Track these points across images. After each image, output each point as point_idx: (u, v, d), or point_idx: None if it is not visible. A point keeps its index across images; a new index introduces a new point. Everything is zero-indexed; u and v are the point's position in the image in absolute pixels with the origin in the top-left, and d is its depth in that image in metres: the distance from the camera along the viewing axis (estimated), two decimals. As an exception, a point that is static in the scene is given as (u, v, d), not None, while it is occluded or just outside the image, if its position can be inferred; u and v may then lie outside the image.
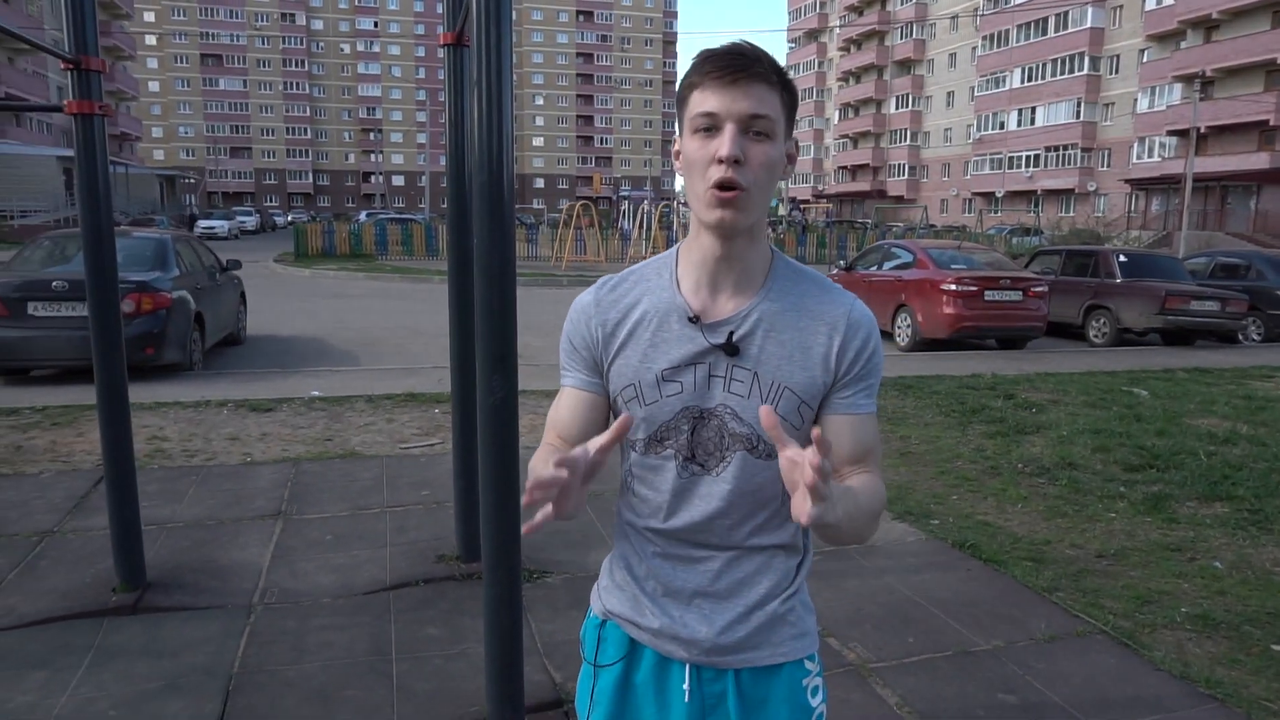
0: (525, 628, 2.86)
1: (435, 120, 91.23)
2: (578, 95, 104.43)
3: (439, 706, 2.75)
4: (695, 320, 1.21)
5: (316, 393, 7.39)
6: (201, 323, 8.75)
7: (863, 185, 74.78)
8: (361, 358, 9.84)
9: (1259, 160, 39.26)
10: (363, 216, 48.84)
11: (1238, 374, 9.53)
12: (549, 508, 0.98)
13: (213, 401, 6.99)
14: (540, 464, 1.14)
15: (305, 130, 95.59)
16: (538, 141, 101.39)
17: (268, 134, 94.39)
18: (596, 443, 1.02)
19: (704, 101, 1.13)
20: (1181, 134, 41.18)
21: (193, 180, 73.12)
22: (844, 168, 79.09)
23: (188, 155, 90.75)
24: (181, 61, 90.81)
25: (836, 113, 79.96)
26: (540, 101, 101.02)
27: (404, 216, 42.06)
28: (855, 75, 76.25)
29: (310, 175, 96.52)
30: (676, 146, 1.21)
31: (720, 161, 1.11)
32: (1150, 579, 3.93)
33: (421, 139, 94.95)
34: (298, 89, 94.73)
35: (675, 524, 1.25)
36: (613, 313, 1.26)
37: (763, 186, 1.14)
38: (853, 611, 3.49)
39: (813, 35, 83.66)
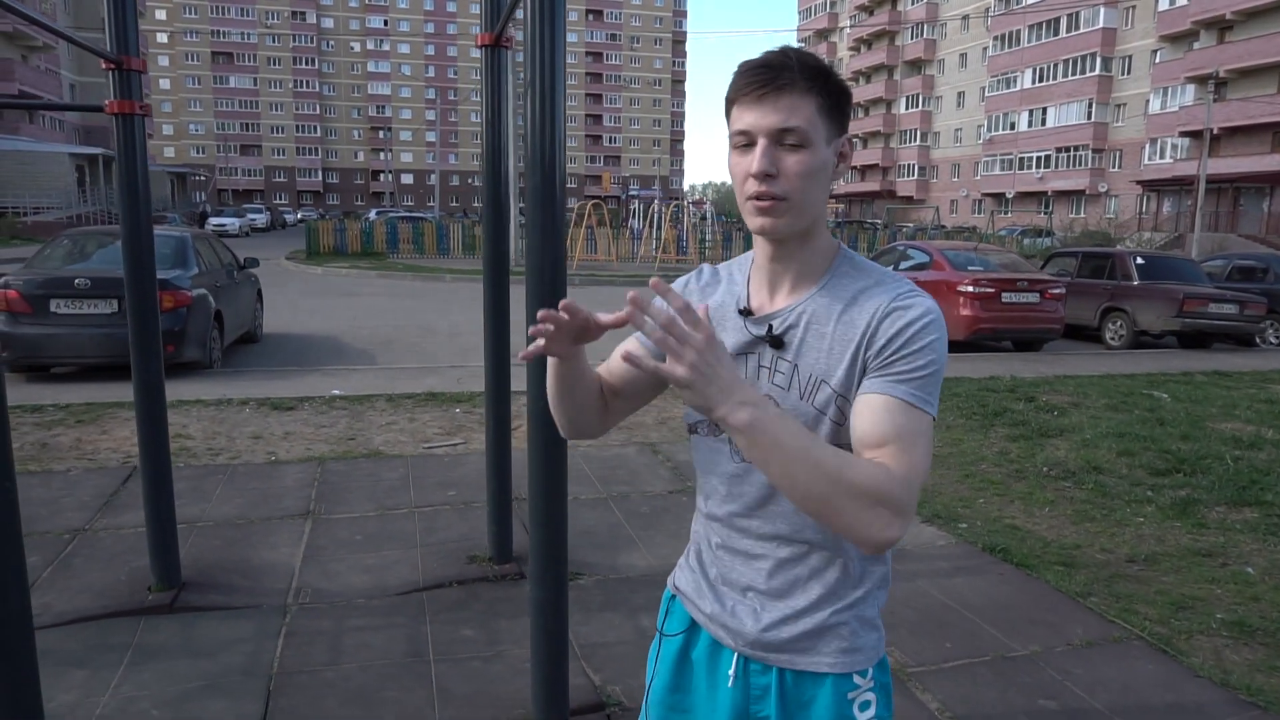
0: (564, 630, 2.86)
1: (445, 119, 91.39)
2: (587, 94, 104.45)
3: (480, 709, 2.75)
4: (745, 313, 1.26)
5: (337, 391, 7.41)
6: (220, 321, 8.77)
7: (872, 185, 74.61)
8: (378, 356, 9.86)
9: (1272, 162, 39.04)
10: (373, 214, 49.02)
11: (1257, 377, 9.49)
12: (541, 341, 1.16)
13: (234, 400, 7.01)
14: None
15: (315, 128, 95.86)
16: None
17: (278, 132, 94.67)
18: (601, 317, 1.16)
19: (740, 118, 1.16)
20: (1194, 135, 40.98)
21: (203, 177, 73.37)
22: (854, 168, 78.72)
23: (198, 153, 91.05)
24: (192, 59, 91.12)
25: (846, 112, 79.59)
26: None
27: (414, 215, 42.15)
28: (865, 75, 76.07)
29: (320, 173, 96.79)
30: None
31: (754, 176, 1.14)
32: (1183, 584, 3.91)
33: (430, 137, 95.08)
34: (308, 87, 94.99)
35: (731, 508, 1.29)
36: (690, 297, 1.35)
37: (804, 193, 1.16)
38: (887, 615, 3.44)
39: (823, 35, 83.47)
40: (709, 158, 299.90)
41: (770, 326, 1.23)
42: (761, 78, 1.14)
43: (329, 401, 7.08)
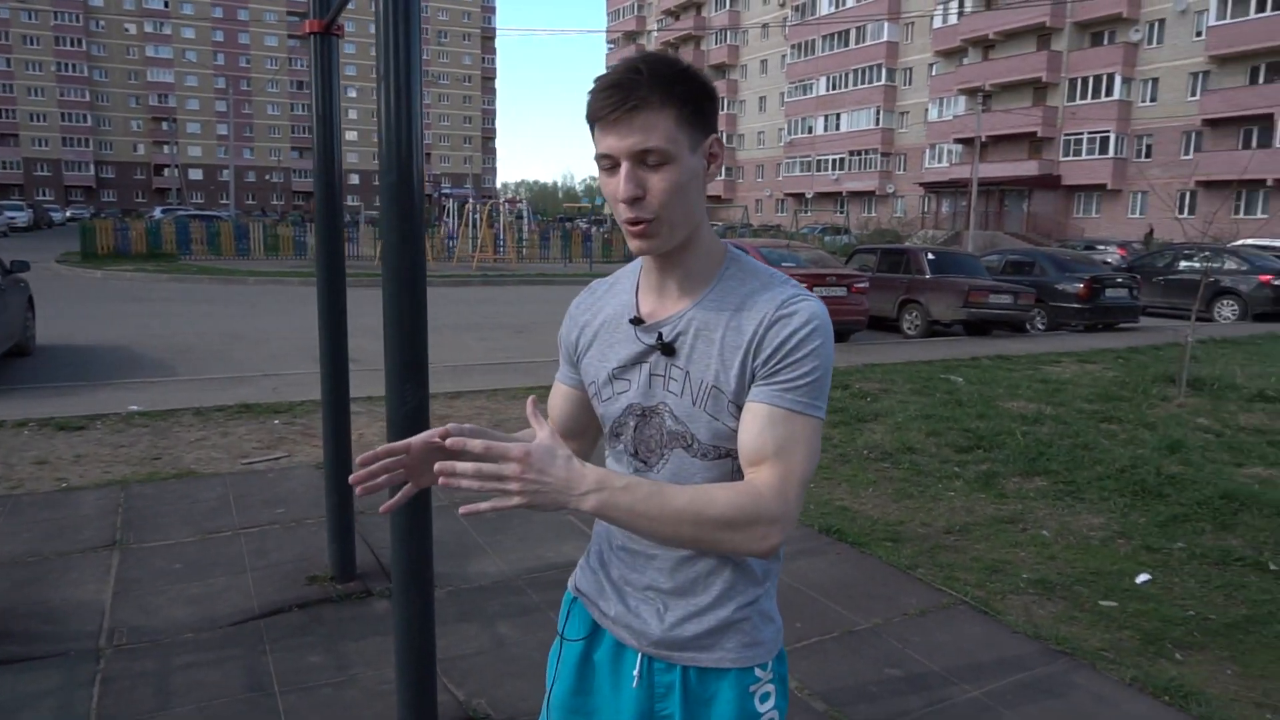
0: (425, 646, 2.74)
1: (238, 111, 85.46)
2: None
3: (338, 738, 2.59)
4: (637, 322, 1.26)
5: (135, 407, 6.73)
6: (-15, 332, 7.74)
7: (683, 185, 76.80)
8: (178, 367, 9.05)
9: (1030, 167, 43.83)
10: (158, 213, 45.02)
11: (1032, 360, 10.59)
12: (408, 486, 1.25)
13: (7, 422, 6.20)
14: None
15: (85, 117, 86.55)
16: (351, 136, 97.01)
17: (38, 120, 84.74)
18: (422, 437, 1.21)
19: (600, 141, 1.15)
20: (966, 142, 45.22)
21: (-54, 170, 64.46)
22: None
23: (-63, 142, 79.96)
24: (-73, 35, 79.84)
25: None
26: (353, 94, 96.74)
27: (208, 213, 39.12)
28: (673, 78, 78.14)
29: (91, 166, 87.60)
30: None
31: (622, 202, 1.15)
32: (993, 550, 4.30)
33: (222, 130, 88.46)
34: (74, 71, 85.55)
35: None
36: (586, 314, 1.36)
37: (673, 208, 1.16)
38: (739, 602, 3.58)
39: (631, 37, 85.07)
40: (522, 156, 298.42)
41: (660, 334, 1.24)
42: (614, 99, 1.12)
43: (126, 418, 6.42)
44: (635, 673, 1.32)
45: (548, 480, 1.06)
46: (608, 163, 1.16)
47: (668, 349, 1.23)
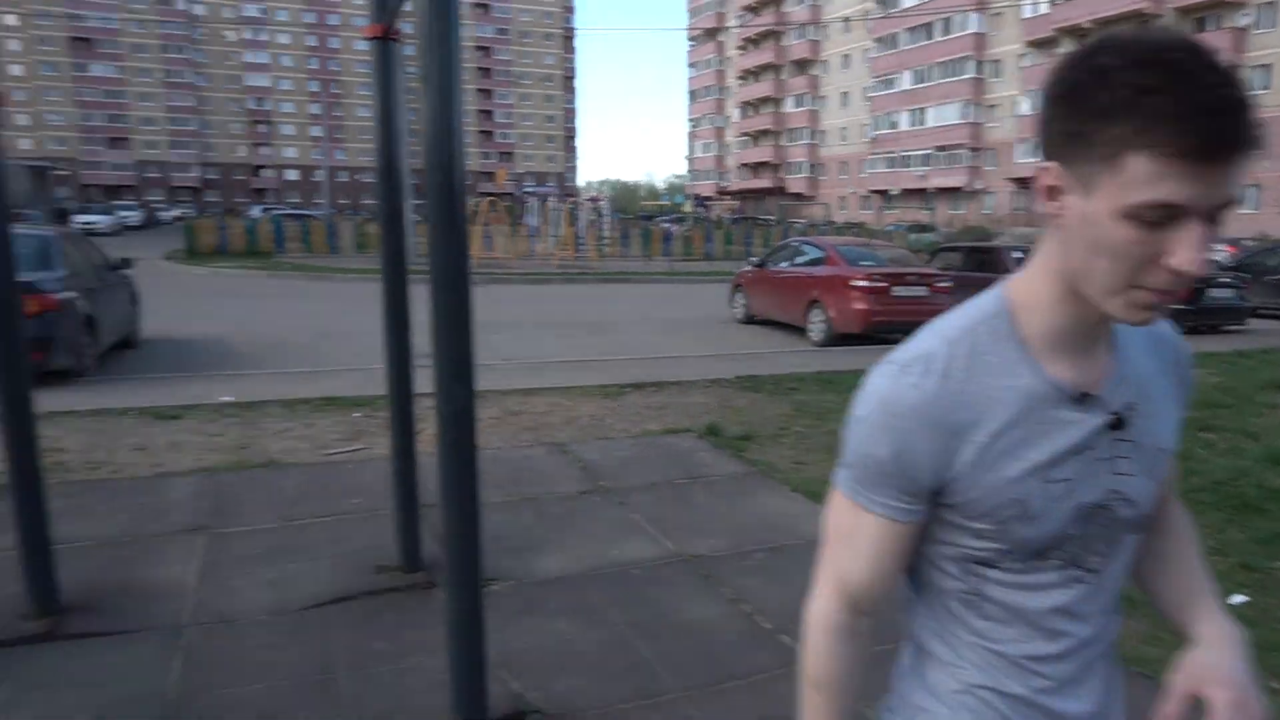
0: (482, 637, 2.79)
1: (330, 113, 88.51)
2: (477, 89, 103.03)
3: (397, 724, 2.66)
4: (1082, 399, 0.96)
5: (227, 398, 7.05)
6: (93, 325, 8.23)
7: (764, 182, 76.32)
8: (268, 360, 9.45)
9: (1129, 161, 41.89)
10: (256, 211, 47.02)
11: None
12: None
13: (113, 410, 6.58)
14: None
15: (190, 121, 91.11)
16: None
17: (148, 124, 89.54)
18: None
19: (1160, 184, 0.78)
20: (1060, 135, 43.50)
21: (66, 172, 68.70)
22: (745, 165, 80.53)
23: (59, 145, 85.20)
24: (47, 44, 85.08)
25: (737, 110, 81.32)
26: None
27: (302, 212, 40.68)
28: (754, 74, 77.70)
29: (197, 168, 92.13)
30: (1052, 181, 0.87)
31: (1178, 273, 0.81)
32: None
33: (315, 132, 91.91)
34: (180, 77, 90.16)
35: (1066, 644, 1.00)
36: (960, 412, 0.93)
37: None
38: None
39: (711, 34, 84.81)
40: (604, 155, 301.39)
41: (1125, 407, 0.98)
42: (1240, 130, 0.77)
43: (218, 409, 6.73)
44: None
45: (1250, 680, 0.99)
46: (1159, 215, 0.79)
47: (1118, 423, 0.97)
